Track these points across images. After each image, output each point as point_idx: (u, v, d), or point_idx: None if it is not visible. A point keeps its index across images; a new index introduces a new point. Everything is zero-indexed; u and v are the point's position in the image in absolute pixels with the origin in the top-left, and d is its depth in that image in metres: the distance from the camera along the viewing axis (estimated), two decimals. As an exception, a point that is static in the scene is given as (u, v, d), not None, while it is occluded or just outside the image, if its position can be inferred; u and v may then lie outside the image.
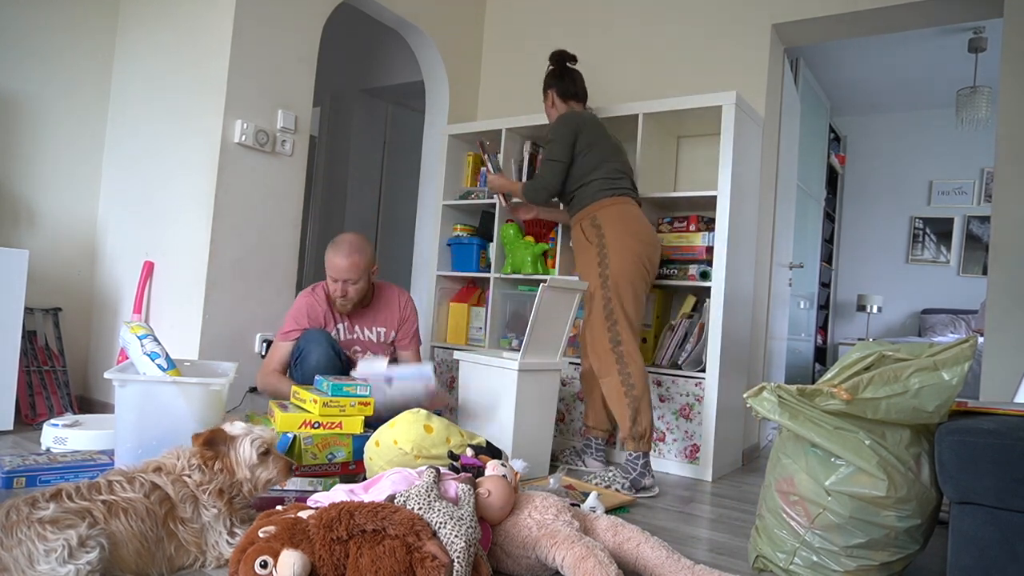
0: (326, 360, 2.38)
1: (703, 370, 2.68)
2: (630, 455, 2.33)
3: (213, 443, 1.50)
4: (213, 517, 1.43)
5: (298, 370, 2.41)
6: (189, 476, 1.45)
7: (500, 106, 3.87)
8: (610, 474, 2.32)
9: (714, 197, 2.72)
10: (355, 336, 2.60)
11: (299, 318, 2.49)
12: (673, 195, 2.85)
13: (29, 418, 2.74)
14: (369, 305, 2.62)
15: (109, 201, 3.17)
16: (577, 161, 2.53)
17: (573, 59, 2.73)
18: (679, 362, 2.78)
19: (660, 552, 1.45)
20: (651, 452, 2.52)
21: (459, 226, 3.56)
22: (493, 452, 1.87)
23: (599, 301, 2.42)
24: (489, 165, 3.05)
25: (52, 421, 2.35)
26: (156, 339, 2.08)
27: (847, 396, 1.43)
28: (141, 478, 1.41)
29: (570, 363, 3.00)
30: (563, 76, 2.70)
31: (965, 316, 5.52)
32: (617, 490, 2.24)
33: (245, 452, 1.51)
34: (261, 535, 1.26)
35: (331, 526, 1.24)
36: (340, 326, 2.56)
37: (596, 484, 2.27)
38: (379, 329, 2.63)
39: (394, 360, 2.69)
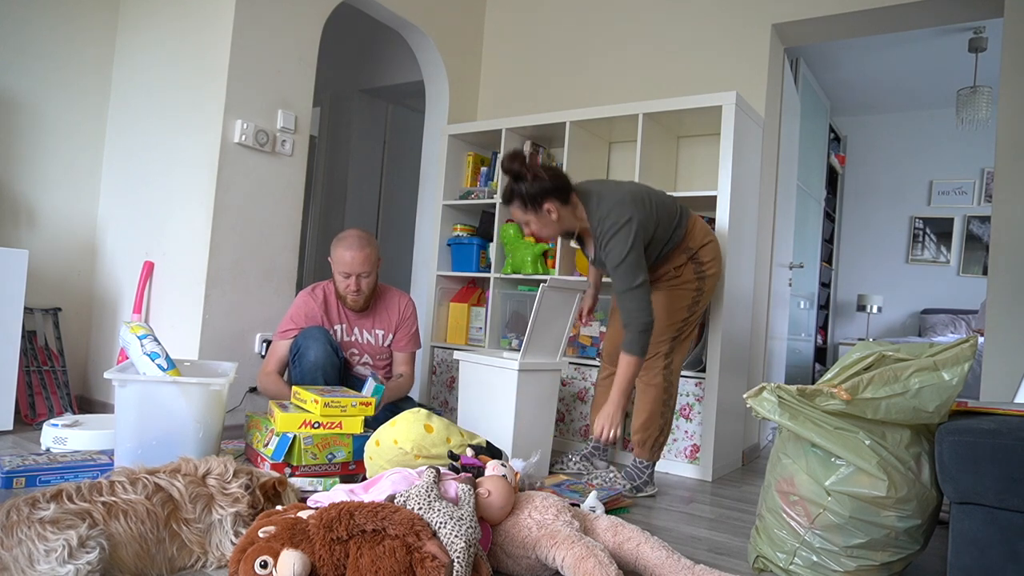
0: (324, 358, 2.38)
1: (703, 370, 2.68)
2: (640, 462, 2.30)
3: (273, 497, 1.54)
4: (227, 517, 1.43)
5: (296, 367, 2.41)
6: (225, 482, 1.47)
7: (500, 106, 3.87)
8: (611, 475, 2.30)
9: (714, 197, 2.72)
10: (353, 339, 2.60)
11: (297, 318, 2.49)
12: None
13: (29, 418, 2.74)
14: (370, 307, 2.62)
15: (109, 201, 3.17)
16: (650, 245, 2.19)
17: (522, 156, 2.15)
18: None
19: (660, 552, 1.45)
20: None
21: (459, 226, 3.56)
22: (493, 452, 1.87)
23: (680, 309, 2.28)
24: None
25: (52, 421, 2.35)
26: (156, 339, 2.08)
27: (847, 396, 1.43)
28: (145, 479, 1.41)
29: (570, 363, 3.00)
30: (545, 177, 2.13)
31: (965, 316, 5.52)
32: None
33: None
34: (261, 535, 1.26)
35: (331, 526, 1.24)
36: (339, 327, 2.56)
37: (597, 484, 2.25)
38: (378, 331, 2.63)
39: (391, 362, 2.71)
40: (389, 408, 2.43)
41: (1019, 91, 2.46)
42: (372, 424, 2.12)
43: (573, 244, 2.59)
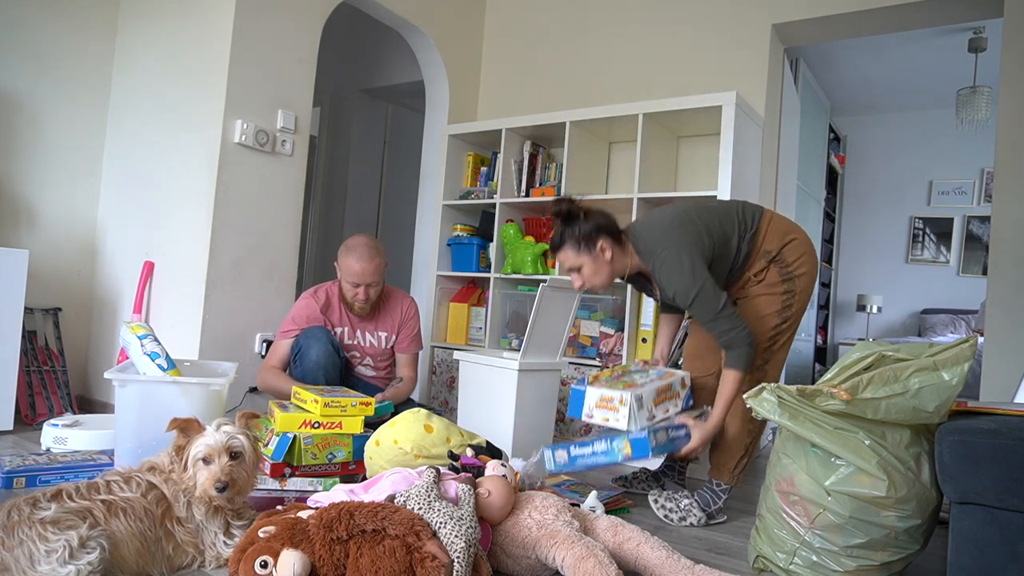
0: (326, 357, 2.38)
1: (703, 370, 2.67)
2: (718, 485, 2.06)
3: (187, 431, 1.45)
4: (203, 516, 1.42)
5: (298, 367, 2.41)
6: (174, 471, 1.43)
7: (500, 106, 3.87)
8: (685, 503, 2.02)
9: (714, 197, 2.71)
10: (355, 342, 2.59)
11: (299, 319, 2.50)
12: (673, 195, 2.85)
13: (29, 418, 2.74)
14: (373, 310, 2.62)
15: (109, 201, 3.17)
16: (712, 267, 1.98)
17: (570, 198, 2.08)
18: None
19: (660, 552, 1.45)
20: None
21: (459, 226, 3.56)
22: (493, 452, 1.87)
23: (771, 315, 2.03)
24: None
25: (52, 421, 2.35)
26: (156, 339, 2.08)
27: (847, 396, 1.43)
28: (138, 478, 1.40)
29: (570, 363, 3.00)
30: (599, 213, 2.06)
31: (965, 316, 5.52)
32: (691, 524, 1.99)
33: (192, 451, 1.43)
34: (261, 535, 1.26)
35: (331, 526, 1.24)
36: (341, 330, 2.56)
37: (667, 513, 2.01)
38: (381, 334, 2.63)
39: (391, 364, 2.71)
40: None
41: (1019, 91, 2.46)
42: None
43: (633, 287, 2.37)
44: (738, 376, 1.94)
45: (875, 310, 5.81)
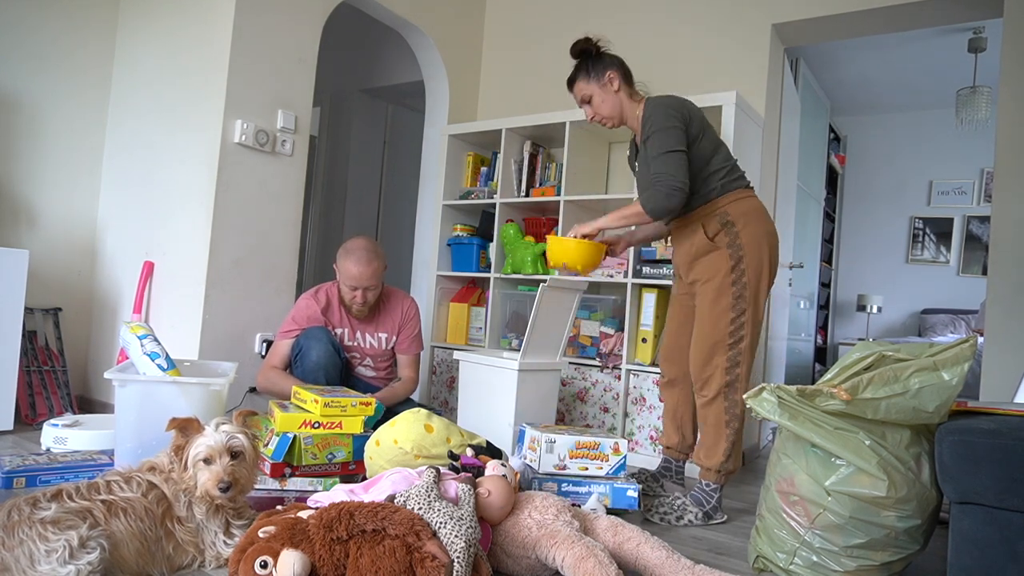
0: (326, 358, 2.39)
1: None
2: (707, 485, 2.07)
3: (186, 430, 1.45)
4: (204, 515, 1.42)
5: (298, 367, 2.42)
6: (174, 471, 1.44)
7: (500, 106, 3.87)
8: (679, 502, 2.04)
9: (714, 197, 2.71)
10: (355, 343, 2.59)
11: (299, 319, 2.50)
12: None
13: (29, 418, 2.74)
14: (374, 311, 2.62)
15: (109, 201, 3.17)
16: (692, 151, 2.04)
17: (589, 38, 2.23)
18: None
19: (660, 552, 1.45)
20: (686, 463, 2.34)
21: (459, 226, 3.56)
22: (493, 452, 1.87)
23: (724, 312, 2.04)
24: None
25: (52, 421, 2.35)
26: (156, 339, 2.08)
27: (847, 396, 1.43)
28: (138, 478, 1.41)
29: (570, 363, 3.00)
30: (613, 53, 2.22)
31: (965, 316, 5.52)
32: (689, 522, 2.02)
33: (193, 451, 1.43)
34: (261, 535, 1.26)
35: (331, 526, 1.24)
36: (341, 331, 2.56)
37: (664, 516, 2.03)
38: (381, 335, 2.63)
39: (392, 365, 2.71)
40: (389, 409, 2.43)
41: (1019, 91, 2.46)
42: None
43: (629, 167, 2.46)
44: (638, 209, 2.03)
45: (875, 310, 5.81)
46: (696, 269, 2.12)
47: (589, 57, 2.20)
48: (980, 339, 2.25)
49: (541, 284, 2.36)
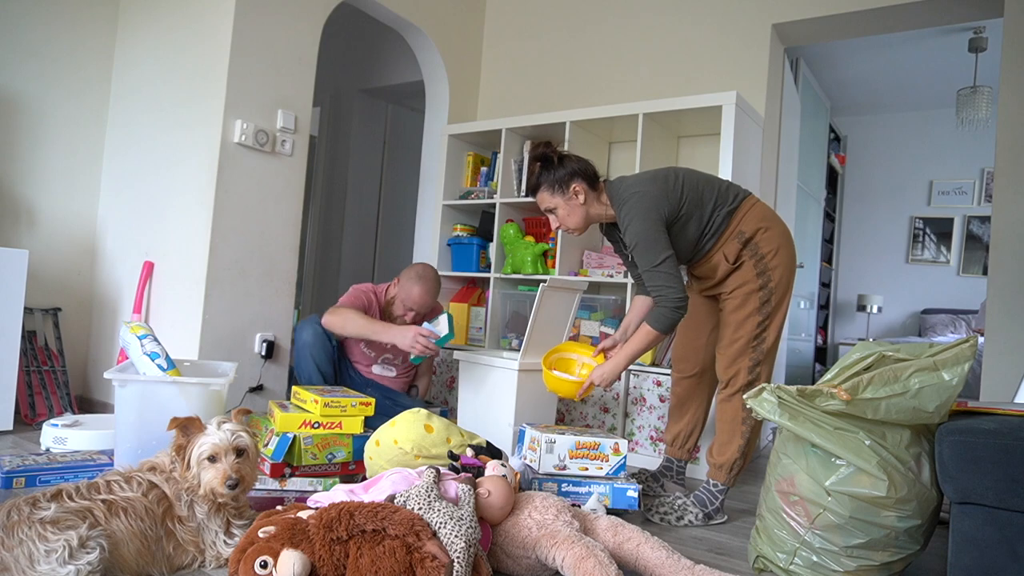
0: (314, 337, 2.50)
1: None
2: (715, 485, 2.06)
3: (187, 430, 1.46)
4: (205, 515, 1.42)
5: (294, 347, 2.61)
6: (175, 471, 1.44)
7: (500, 106, 3.87)
8: (680, 502, 2.04)
9: (714, 197, 2.71)
10: (388, 344, 2.65)
11: (355, 301, 2.60)
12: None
13: (29, 418, 2.74)
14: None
15: (109, 201, 3.17)
16: (689, 215, 2.01)
17: (549, 142, 2.18)
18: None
19: (660, 552, 1.45)
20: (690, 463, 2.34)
21: (459, 226, 3.56)
22: (493, 452, 1.87)
23: (750, 316, 2.03)
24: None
25: (52, 421, 2.35)
26: (156, 339, 2.08)
27: (847, 396, 1.43)
28: (138, 477, 1.41)
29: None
30: (574, 159, 2.13)
31: (965, 316, 5.52)
32: (689, 523, 2.01)
33: (197, 450, 1.43)
34: (261, 535, 1.26)
35: (331, 526, 1.24)
36: None
37: (664, 516, 2.03)
38: None
39: (411, 367, 2.82)
40: (388, 409, 2.43)
41: (1019, 91, 2.46)
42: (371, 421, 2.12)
43: (610, 243, 2.41)
44: (651, 333, 1.99)
45: (875, 310, 5.81)
46: (722, 285, 2.10)
47: (551, 165, 2.11)
48: (980, 339, 2.25)
49: (541, 284, 2.36)
